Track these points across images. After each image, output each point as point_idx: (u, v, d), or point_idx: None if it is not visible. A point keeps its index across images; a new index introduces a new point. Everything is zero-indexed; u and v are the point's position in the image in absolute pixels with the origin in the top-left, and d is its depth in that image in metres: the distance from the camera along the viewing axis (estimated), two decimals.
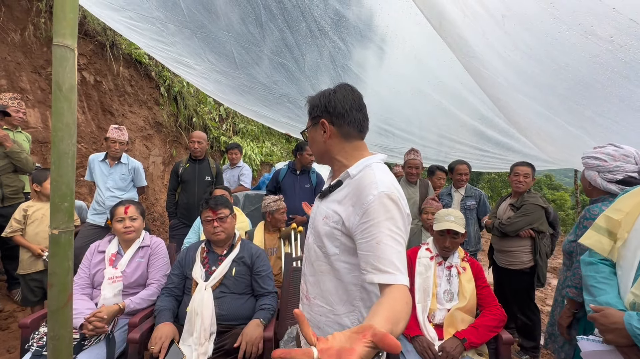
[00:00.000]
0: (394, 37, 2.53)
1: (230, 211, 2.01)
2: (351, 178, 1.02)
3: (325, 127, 1.06)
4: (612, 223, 1.23)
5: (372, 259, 0.88)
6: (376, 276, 0.87)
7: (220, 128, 7.19)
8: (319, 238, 1.05)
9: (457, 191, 3.39)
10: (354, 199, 0.96)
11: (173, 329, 1.71)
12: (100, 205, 3.06)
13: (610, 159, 1.56)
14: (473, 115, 3.33)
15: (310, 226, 1.15)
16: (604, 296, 1.15)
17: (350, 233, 0.96)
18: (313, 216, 1.14)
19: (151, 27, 2.72)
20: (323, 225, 1.04)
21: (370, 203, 0.90)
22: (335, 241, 1.00)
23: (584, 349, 1.14)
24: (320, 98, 1.09)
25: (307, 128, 1.16)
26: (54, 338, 1.08)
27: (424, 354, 1.70)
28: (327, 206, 1.06)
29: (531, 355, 2.72)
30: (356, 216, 0.93)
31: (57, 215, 1.08)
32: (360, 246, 0.92)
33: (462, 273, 1.92)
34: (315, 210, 1.14)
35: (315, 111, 1.10)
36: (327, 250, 1.02)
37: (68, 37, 1.06)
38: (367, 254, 0.90)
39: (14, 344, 2.52)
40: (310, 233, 1.14)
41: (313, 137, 1.13)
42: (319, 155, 1.14)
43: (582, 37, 1.46)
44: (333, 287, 1.03)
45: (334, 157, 1.09)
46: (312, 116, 1.12)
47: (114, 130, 3.10)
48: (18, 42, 3.95)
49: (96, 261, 1.99)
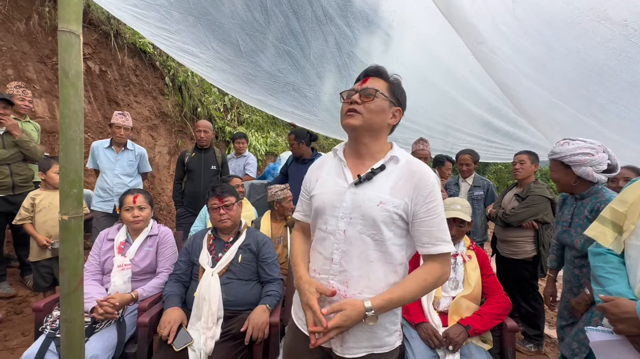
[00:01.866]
0: (401, 23, 2.48)
1: (237, 199, 2.03)
2: (397, 163, 1.08)
3: (397, 116, 1.12)
4: (617, 215, 1.24)
5: (437, 232, 1.03)
6: (443, 246, 1.03)
7: (225, 118, 7.18)
8: (372, 226, 1.02)
9: (464, 181, 3.36)
10: (414, 182, 1.03)
11: (181, 313, 1.75)
12: (107, 192, 3.10)
13: (594, 152, 1.63)
14: (481, 105, 3.28)
15: (346, 216, 1.05)
16: (613, 286, 1.15)
17: (408, 214, 1.04)
18: (350, 205, 1.05)
19: (155, 14, 2.70)
20: (380, 210, 1.01)
21: (433, 185, 1.03)
22: (391, 225, 1.03)
23: (592, 340, 1.13)
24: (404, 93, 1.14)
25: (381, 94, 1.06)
26: (66, 321, 1.11)
27: (429, 341, 1.72)
28: (377, 191, 1.03)
29: (535, 343, 2.74)
30: (420, 197, 1.02)
31: (66, 201, 1.10)
32: (425, 222, 1.03)
33: (468, 261, 1.93)
34: (351, 198, 1.05)
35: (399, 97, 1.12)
36: (383, 236, 1.03)
37: (73, 22, 1.06)
38: (431, 229, 1.03)
39: (29, 328, 2.60)
40: (347, 224, 1.05)
41: (384, 109, 1.07)
42: (375, 126, 1.07)
43: (595, 22, 1.41)
44: (383, 274, 1.05)
45: (378, 139, 1.11)
46: (394, 95, 1.10)
47: (118, 116, 3.12)
48: (23, 32, 3.95)
49: (106, 249, 2.03)
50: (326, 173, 1.16)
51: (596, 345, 1.13)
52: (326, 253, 1.08)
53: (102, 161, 3.12)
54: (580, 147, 1.65)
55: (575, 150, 1.65)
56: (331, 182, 1.11)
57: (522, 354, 2.67)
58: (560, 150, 1.71)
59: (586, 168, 1.64)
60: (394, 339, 1.11)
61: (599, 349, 1.13)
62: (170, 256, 2.12)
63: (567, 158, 1.68)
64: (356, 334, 1.05)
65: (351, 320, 0.97)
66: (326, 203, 1.09)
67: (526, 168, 2.73)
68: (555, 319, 3.47)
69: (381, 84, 1.08)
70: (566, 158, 1.68)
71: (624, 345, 1.07)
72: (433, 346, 1.70)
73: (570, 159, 1.67)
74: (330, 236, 1.07)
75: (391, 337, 1.10)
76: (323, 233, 1.10)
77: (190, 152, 3.50)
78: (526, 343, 2.76)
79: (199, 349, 1.61)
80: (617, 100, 1.88)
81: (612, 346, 1.09)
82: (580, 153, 1.64)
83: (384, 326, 1.08)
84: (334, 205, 1.07)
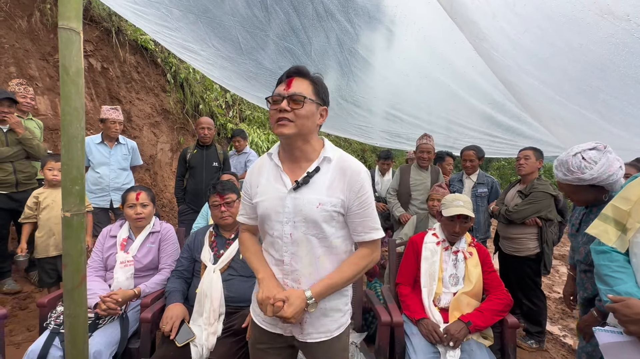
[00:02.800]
0: (403, 18, 2.46)
1: (237, 196, 2.03)
2: (330, 162, 1.13)
3: (324, 115, 1.15)
4: (620, 213, 1.21)
5: (370, 222, 1.13)
6: (375, 233, 1.14)
7: (226, 115, 7.18)
8: (315, 226, 1.09)
9: (468, 177, 3.35)
10: (345, 179, 1.10)
11: (183, 309, 1.77)
12: (103, 187, 3.12)
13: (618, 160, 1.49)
14: (483, 100, 3.26)
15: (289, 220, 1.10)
16: (622, 286, 1.12)
17: (345, 208, 1.11)
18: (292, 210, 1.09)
19: (156, 11, 2.70)
20: (320, 212, 1.08)
21: (363, 179, 1.11)
22: (332, 222, 1.11)
23: (602, 341, 1.11)
24: (326, 89, 1.15)
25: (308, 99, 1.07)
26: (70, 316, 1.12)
27: (429, 337, 1.72)
28: (314, 193, 1.09)
29: (536, 340, 2.74)
30: (352, 192, 1.10)
31: (68, 198, 1.11)
32: (359, 214, 1.11)
33: (469, 258, 1.93)
34: (292, 203, 1.09)
35: (324, 96, 1.13)
36: (326, 233, 1.10)
37: (73, 19, 1.06)
38: (366, 219, 1.12)
39: (33, 323, 2.64)
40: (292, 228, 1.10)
41: (313, 113, 1.09)
42: (306, 131, 1.09)
43: (598, 17, 1.40)
44: (330, 264, 1.14)
45: (309, 141, 1.13)
46: (319, 96, 1.12)
47: (111, 111, 3.13)
48: (25, 29, 3.96)
49: (108, 246, 2.05)
50: (265, 179, 1.18)
51: (605, 347, 1.10)
52: (277, 255, 1.15)
53: (96, 156, 3.13)
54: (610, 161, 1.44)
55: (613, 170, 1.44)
56: (271, 189, 1.14)
57: (523, 350, 2.68)
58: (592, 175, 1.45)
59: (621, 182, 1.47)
60: (346, 319, 1.22)
61: (608, 350, 1.10)
62: (172, 253, 2.14)
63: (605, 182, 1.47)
64: (313, 323, 1.15)
65: (295, 308, 1.05)
66: (269, 210, 1.13)
67: (531, 164, 2.71)
68: (557, 316, 3.47)
69: (305, 85, 1.09)
70: (604, 182, 1.47)
71: (635, 346, 1.05)
72: (433, 342, 1.71)
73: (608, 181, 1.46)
74: (278, 240, 1.13)
75: (344, 316, 1.21)
76: (271, 238, 1.15)
77: (192, 148, 3.51)
78: (528, 339, 2.76)
79: (200, 345, 1.62)
80: (620, 95, 1.87)
81: (622, 347, 1.07)
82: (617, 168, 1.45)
83: (338, 308, 1.18)
84: (277, 211, 1.12)
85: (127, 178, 3.31)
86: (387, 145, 5.28)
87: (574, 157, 1.50)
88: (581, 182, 1.50)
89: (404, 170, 3.53)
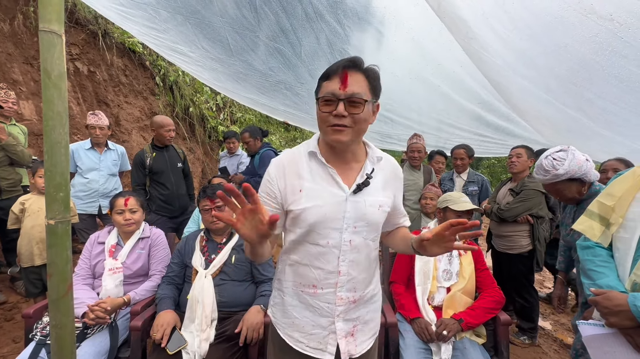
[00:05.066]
0: (392, 19, 2.47)
1: None
2: (380, 161, 1.10)
3: (376, 111, 1.02)
4: (604, 209, 1.24)
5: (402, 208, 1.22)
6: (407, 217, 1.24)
7: (217, 117, 7.12)
8: (375, 229, 1.07)
9: (459, 176, 3.38)
10: (393, 177, 1.12)
11: (174, 316, 1.74)
12: (91, 194, 3.06)
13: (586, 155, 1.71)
14: (472, 100, 3.29)
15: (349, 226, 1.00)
16: (604, 279, 1.15)
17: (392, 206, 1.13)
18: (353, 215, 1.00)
19: (143, 13, 2.66)
20: (381, 214, 1.06)
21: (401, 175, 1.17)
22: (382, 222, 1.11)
23: (584, 334, 1.14)
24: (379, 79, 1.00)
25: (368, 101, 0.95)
26: (56, 327, 1.09)
27: (422, 335, 1.74)
28: (373, 195, 1.04)
29: (529, 335, 2.77)
30: (399, 189, 1.16)
31: (52, 205, 1.07)
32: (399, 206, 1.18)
33: (464, 254, 1.95)
34: (353, 207, 1.00)
35: (378, 90, 0.99)
36: (378, 234, 1.11)
37: (54, 22, 1.03)
38: (402, 208, 1.21)
39: (19, 335, 2.56)
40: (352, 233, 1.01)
41: (370, 113, 0.98)
42: (360, 135, 1.00)
43: (582, 16, 1.42)
44: (374, 267, 1.14)
45: (362, 140, 1.08)
46: (374, 93, 0.98)
47: (91, 116, 3.09)
48: (8, 32, 3.87)
49: (96, 253, 2.00)
50: (311, 182, 1.00)
51: (588, 339, 1.13)
52: (330, 267, 1.01)
53: (85, 162, 3.08)
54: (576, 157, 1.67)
55: (580, 163, 1.66)
56: (326, 193, 0.99)
57: (516, 346, 2.71)
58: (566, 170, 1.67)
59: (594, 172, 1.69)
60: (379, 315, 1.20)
61: (591, 343, 1.13)
62: (162, 259, 2.10)
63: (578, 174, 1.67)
64: (363, 329, 1.11)
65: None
66: (326, 217, 0.98)
67: (522, 162, 2.75)
68: (548, 311, 3.52)
69: (362, 81, 0.94)
70: (577, 173, 1.67)
71: (616, 338, 1.08)
72: (425, 339, 1.72)
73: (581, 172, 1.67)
74: (334, 250, 1.00)
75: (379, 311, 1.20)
76: (322, 248, 1.00)
77: (149, 152, 3.09)
78: (520, 335, 2.79)
79: (193, 352, 1.59)
80: (604, 94, 1.91)
81: (604, 339, 1.10)
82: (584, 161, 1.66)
83: (378, 305, 1.18)
84: (335, 217, 0.99)
85: (115, 184, 3.26)
86: (379, 145, 5.27)
87: (545, 159, 1.73)
88: (558, 178, 1.71)
89: None
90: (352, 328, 1.07)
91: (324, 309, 1.03)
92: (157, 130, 3.06)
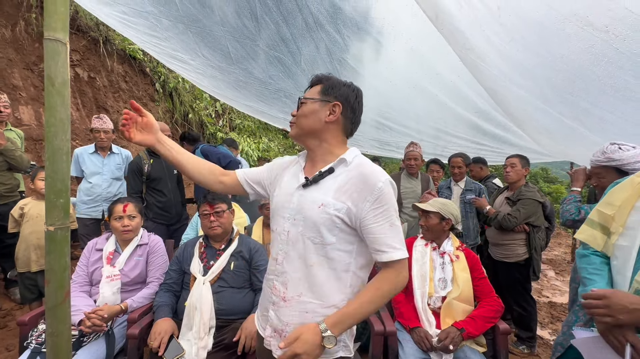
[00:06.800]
0: (390, 30, 2.52)
1: (228, 206, 2.01)
2: (347, 166, 1.06)
3: (336, 110, 1.08)
4: (604, 218, 1.24)
5: (388, 240, 0.99)
6: (394, 252, 0.99)
7: (216, 124, 7.15)
8: (313, 228, 1.02)
9: (456, 184, 3.40)
10: (359, 186, 1.01)
11: (172, 324, 1.72)
12: (95, 198, 3.05)
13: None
14: (470, 109, 3.34)
15: (291, 217, 1.06)
16: (594, 285, 1.18)
17: (353, 219, 1.00)
18: (296, 207, 1.06)
19: (144, 21, 2.69)
20: (320, 213, 1.00)
21: (381, 190, 0.99)
22: (334, 229, 1.01)
23: (577, 336, 1.16)
24: (343, 86, 1.11)
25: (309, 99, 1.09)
26: (52, 335, 1.07)
27: (421, 344, 1.73)
28: (321, 194, 1.03)
29: (527, 345, 2.76)
30: (366, 203, 0.99)
31: (52, 212, 1.07)
32: (373, 230, 0.99)
33: (456, 261, 1.95)
34: (298, 200, 1.06)
35: (333, 91, 1.09)
36: (324, 239, 1.01)
37: (59, 30, 1.04)
38: (382, 236, 0.99)
39: (13, 342, 2.52)
40: (291, 225, 1.06)
41: (314, 110, 1.08)
42: (308, 129, 1.09)
43: (578, 28, 1.45)
44: (325, 278, 1.02)
45: (324, 140, 1.10)
46: (326, 94, 1.08)
47: (95, 120, 3.11)
48: (9, 38, 3.89)
49: (94, 259, 1.98)
50: (286, 176, 1.17)
51: (578, 342, 1.16)
52: (273, 252, 1.11)
53: (89, 166, 3.08)
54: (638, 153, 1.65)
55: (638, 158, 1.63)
56: (287, 185, 1.13)
57: (515, 356, 2.69)
58: (620, 157, 1.67)
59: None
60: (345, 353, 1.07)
61: (582, 346, 1.15)
62: (161, 266, 2.08)
63: (629, 166, 1.64)
64: None
65: (309, 344, 0.94)
66: (278, 204, 1.12)
67: (517, 171, 2.77)
68: (546, 320, 3.51)
69: (317, 87, 1.11)
70: (628, 165, 1.65)
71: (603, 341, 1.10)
72: (425, 349, 1.71)
73: (633, 166, 1.63)
74: (278, 237, 1.10)
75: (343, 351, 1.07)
76: (274, 234, 1.13)
77: (146, 158, 3.03)
78: (519, 344, 2.78)
79: None
80: (600, 104, 1.94)
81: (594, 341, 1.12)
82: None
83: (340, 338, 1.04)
84: (284, 206, 1.09)
85: (120, 188, 3.23)
86: (377, 152, 5.34)
87: (611, 145, 1.72)
88: (609, 162, 1.71)
89: (394, 178, 3.57)
90: (281, 330, 1.06)
91: (267, 293, 1.12)
92: None
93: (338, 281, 1.03)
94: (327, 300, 1.02)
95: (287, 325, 1.04)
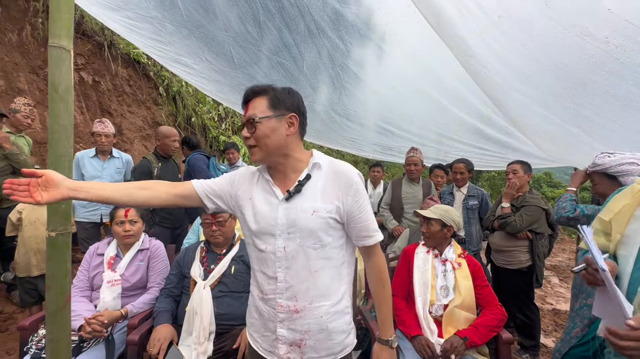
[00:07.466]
0: (393, 36, 2.52)
1: (230, 215, 2.01)
2: (320, 169, 1.10)
3: (294, 122, 1.08)
4: (604, 225, 1.24)
5: (371, 224, 1.10)
6: (378, 234, 1.12)
7: (219, 127, 7.18)
8: (311, 236, 1.04)
9: (459, 190, 3.38)
10: (339, 184, 1.07)
11: (172, 330, 1.71)
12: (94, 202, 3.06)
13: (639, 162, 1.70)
14: (472, 114, 3.33)
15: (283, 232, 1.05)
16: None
17: (342, 215, 1.07)
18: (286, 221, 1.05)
19: (149, 26, 2.71)
20: (315, 219, 1.03)
21: (358, 183, 1.08)
22: (329, 230, 1.06)
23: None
24: (289, 95, 1.09)
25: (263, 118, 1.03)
26: (52, 340, 1.08)
27: (422, 352, 1.71)
28: (309, 201, 1.05)
29: (531, 354, 2.73)
30: (348, 197, 1.06)
31: (54, 218, 1.08)
32: (359, 219, 1.08)
33: (458, 268, 1.93)
34: (285, 214, 1.05)
35: (284, 103, 1.06)
36: (323, 242, 1.06)
37: (64, 38, 1.06)
38: (366, 223, 1.09)
39: (13, 346, 2.52)
40: (286, 240, 1.05)
41: (273, 128, 1.04)
42: (274, 148, 1.05)
43: (578, 38, 1.46)
44: (329, 278, 1.08)
45: (290, 153, 1.09)
46: (276, 107, 1.05)
47: (97, 123, 3.14)
48: (15, 42, 3.94)
49: (95, 264, 1.99)
50: (258, 192, 1.12)
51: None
52: (270, 272, 1.08)
53: (89, 170, 3.10)
54: (624, 158, 1.72)
55: (621, 161, 1.71)
56: (262, 202, 1.10)
57: None
58: (603, 162, 1.77)
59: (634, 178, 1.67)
60: (351, 339, 1.16)
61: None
62: (161, 271, 2.08)
63: (612, 169, 1.73)
64: (315, 346, 1.08)
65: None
66: (261, 224, 1.08)
67: (519, 177, 2.76)
68: (550, 328, 3.47)
69: (261, 102, 1.05)
70: (612, 169, 1.73)
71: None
72: (426, 357, 1.69)
73: (616, 169, 1.72)
74: (271, 256, 1.07)
75: (349, 337, 1.15)
76: (263, 254, 1.08)
77: (155, 162, 3.10)
78: (523, 353, 2.75)
79: None
80: (601, 112, 1.93)
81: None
82: (626, 163, 1.70)
83: (342, 328, 1.11)
84: (269, 224, 1.07)
85: None
86: (379, 157, 5.33)
87: (602, 154, 1.81)
88: (595, 168, 1.80)
89: (396, 184, 3.56)
90: (300, 340, 1.07)
91: (270, 313, 1.09)
92: (162, 140, 3.11)
93: (339, 277, 1.11)
94: (334, 297, 1.09)
95: (307, 333, 1.07)
